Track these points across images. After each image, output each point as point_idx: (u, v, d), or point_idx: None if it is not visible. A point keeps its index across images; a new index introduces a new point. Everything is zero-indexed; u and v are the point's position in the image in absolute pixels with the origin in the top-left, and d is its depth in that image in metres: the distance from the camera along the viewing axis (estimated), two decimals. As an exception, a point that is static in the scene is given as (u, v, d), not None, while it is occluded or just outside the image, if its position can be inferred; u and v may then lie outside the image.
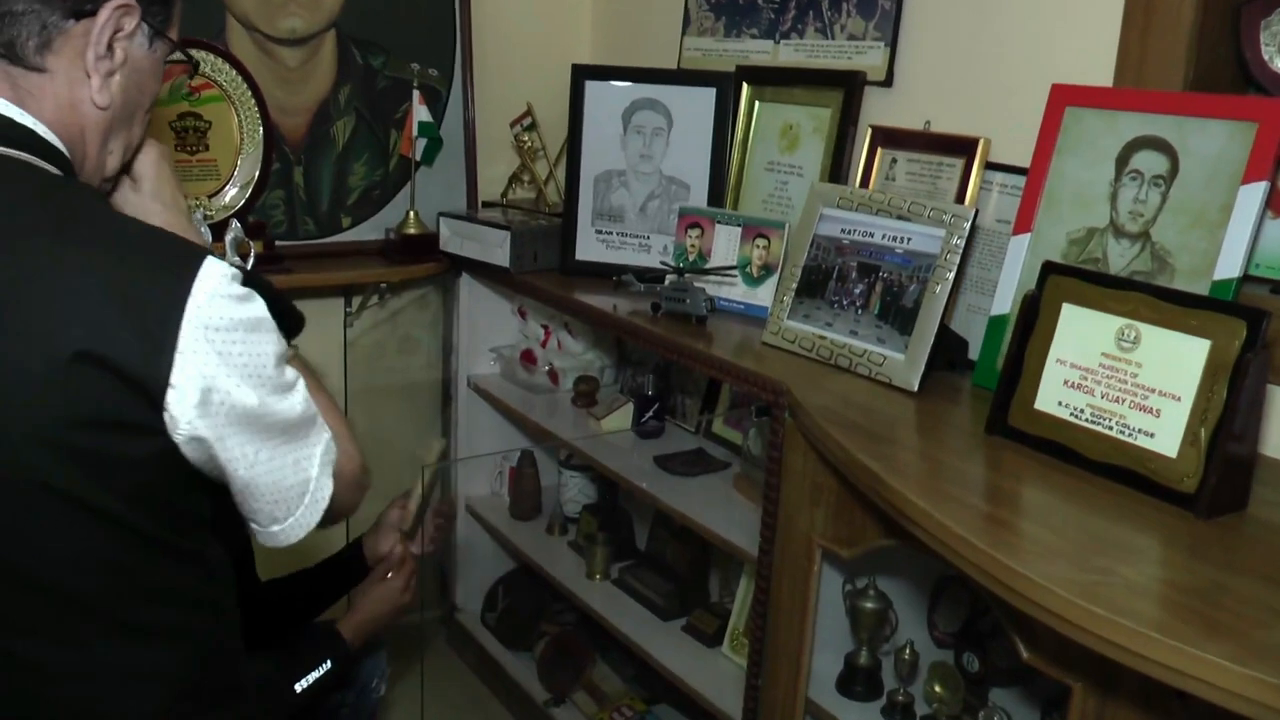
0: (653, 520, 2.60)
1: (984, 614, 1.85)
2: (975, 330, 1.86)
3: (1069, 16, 1.79)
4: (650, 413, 2.45)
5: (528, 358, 2.74)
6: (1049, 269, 1.54)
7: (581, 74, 2.41)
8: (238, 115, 2.38)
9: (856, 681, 1.82)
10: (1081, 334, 1.49)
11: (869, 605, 1.79)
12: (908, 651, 1.75)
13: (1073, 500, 1.36)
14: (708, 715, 2.13)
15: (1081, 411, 1.47)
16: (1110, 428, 1.43)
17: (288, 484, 1.20)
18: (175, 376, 1.06)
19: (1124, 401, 1.43)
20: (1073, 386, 1.48)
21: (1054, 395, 1.50)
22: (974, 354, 1.85)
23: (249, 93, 2.38)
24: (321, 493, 1.23)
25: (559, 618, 2.77)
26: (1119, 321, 1.45)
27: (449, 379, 2.81)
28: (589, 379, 2.66)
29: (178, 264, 1.10)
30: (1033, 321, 1.54)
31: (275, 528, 1.22)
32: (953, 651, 1.82)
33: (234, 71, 2.35)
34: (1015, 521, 1.29)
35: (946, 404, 1.73)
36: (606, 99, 2.40)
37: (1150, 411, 1.40)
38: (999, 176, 1.89)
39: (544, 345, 2.76)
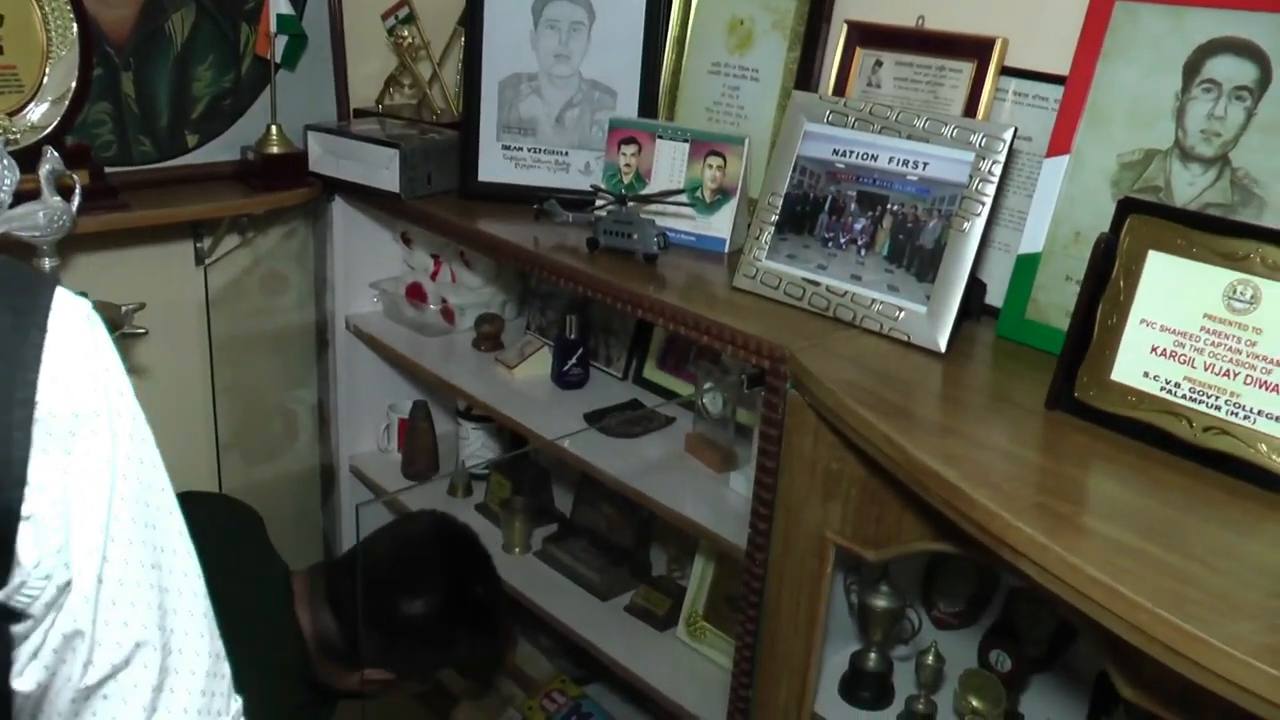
0: (579, 481, 2.26)
1: (1014, 599, 1.60)
2: (993, 269, 1.57)
3: (1110, -113, 1.47)
4: (574, 359, 2.09)
5: (415, 293, 2.34)
6: (1129, 206, 1.25)
7: (481, -46, 1.97)
8: (40, 6, 1.86)
9: (864, 686, 1.56)
10: (1176, 289, 1.21)
11: (881, 603, 1.52)
12: (931, 656, 1.48)
13: (1194, 507, 1.09)
14: (655, 702, 1.86)
15: (1176, 386, 1.19)
16: (1217, 407, 1.16)
17: None
18: None
19: (1236, 376, 1.15)
20: (1164, 354, 1.21)
21: (1138, 364, 1.22)
22: (992, 297, 1.57)
23: (55, -25, 1.87)
24: None
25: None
26: (1229, 275, 1.17)
27: (323, 320, 2.38)
28: (492, 318, 2.28)
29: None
30: (1107, 272, 1.25)
31: None
32: (976, 648, 1.57)
33: (32, -52, 1.83)
34: (1141, 546, 1.00)
35: (979, 365, 1.44)
36: (513, -14, 1.98)
37: (1273, 389, 1.13)
38: (1015, 83, 1.58)
39: (434, 278, 2.36)
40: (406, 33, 2.29)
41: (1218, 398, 1.16)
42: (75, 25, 1.89)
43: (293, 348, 2.40)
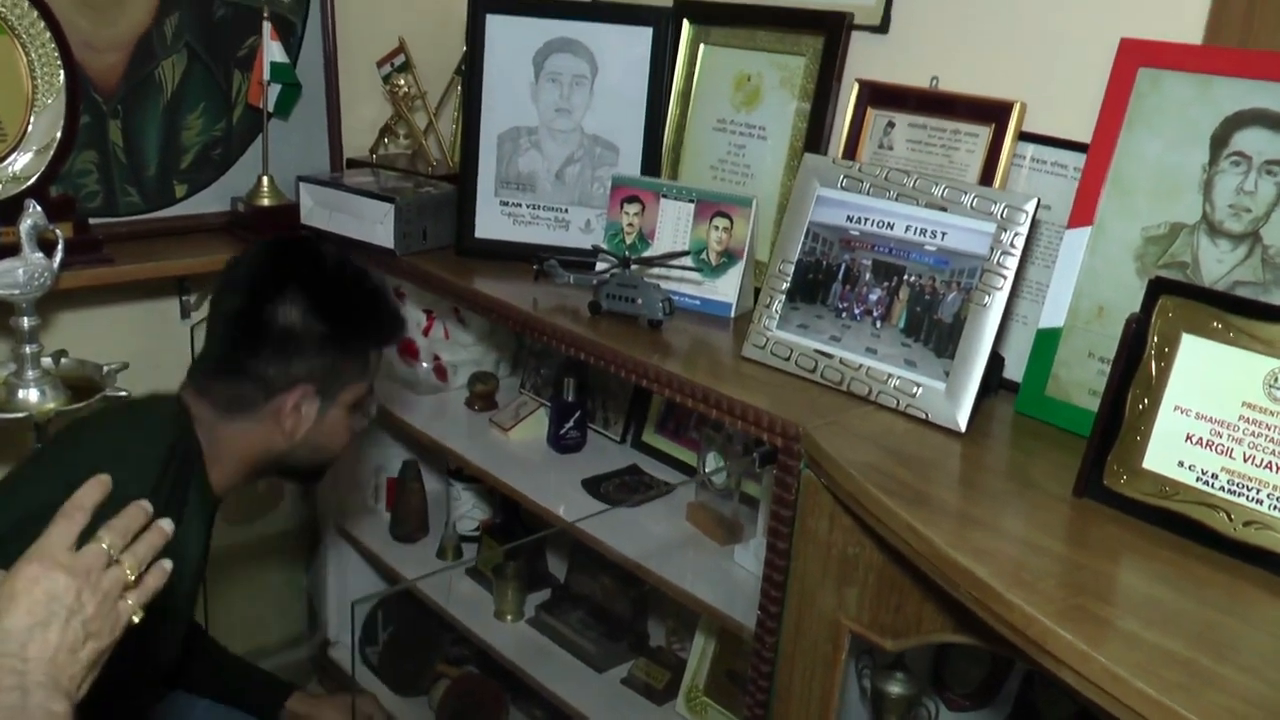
0: (574, 546, 2.19)
1: (1030, 680, 1.54)
2: (1012, 342, 1.52)
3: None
4: (571, 422, 2.03)
5: (407, 349, 2.27)
6: (1160, 286, 1.19)
7: (481, 5, 1.92)
8: (26, 53, 1.81)
9: (875, 777, 1.49)
10: (1212, 376, 1.15)
11: (896, 690, 1.45)
12: (949, 749, 1.42)
13: (1238, 609, 1.03)
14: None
15: (1214, 477, 1.14)
16: (1259, 500, 1.11)
17: None
18: None
19: (1279, 469, 1.10)
20: (1200, 444, 1.15)
21: (1172, 453, 1.17)
22: (1011, 370, 1.51)
23: (41, 22, 1.81)
24: None
25: (455, 652, 2.35)
26: (1270, 363, 1.11)
27: (312, 376, 2.31)
28: (486, 376, 2.22)
29: None
30: (1138, 355, 1.20)
31: None
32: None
33: (19, -7, 1.78)
34: (1189, 655, 0.94)
35: (1000, 445, 1.38)
36: (514, 37, 1.92)
37: (1319, 484, 1.08)
38: (1033, 149, 1.53)
39: (427, 333, 2.29)
40: (402, 81, 2.24)
41: (1259, 491, 1.11)
42: (62, 73, 1.84)
43: (280, 403, 2.33)
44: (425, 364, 2.24)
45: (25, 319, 1.71)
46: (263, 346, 1.49)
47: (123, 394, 1.79)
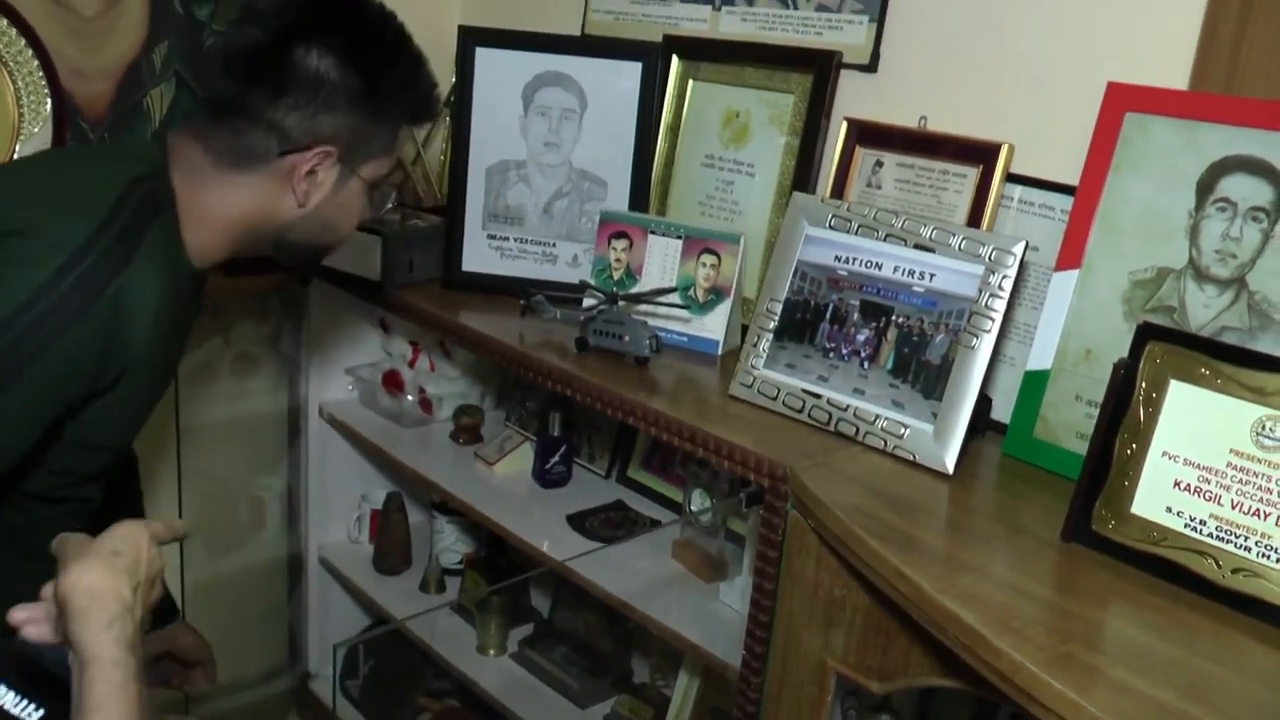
0: (557, 581, 2.17)
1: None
2: (999, 382, 1.52)
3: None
4: (556, 457, 2.02)
5: (392, 381, 2.26)
6: (1148, 332, 1.20)
7: (472, 39, 1.93)
8: (13, 81, 1.80)
9: (860, 821, 1.47)
10: (1200, 422, 1.15)
11: (882, 733, 1.44)
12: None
13: (1228, 657, 1.03)
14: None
15: (1202, 523, 1.14)
16: (1247, 548, 1.11)
17: None
18: None
19: (1268, 516, 1.10)
20: (1189, 490, 1.15)
21: (1160, 498, 1.17)
22: (998, 411, 1.51)
23: (29, 50, 1.80)
24: None
25: (437, 686, 2.32)
26: (1258, 410, 1.12)
27: (296, 407, 2.30)
28: (472, 409, 2.20)
29: None
30: (1126, 400, 1.20)
31: None
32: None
33: (4, 21, 1.77)
34: (1181, 706, 0.93)
35: (987, 487, 1.38)
36: (503, 71, 1.93)
37: (1306, 531, 1.08)
38: (1020, 190, 1.54)
39: (412, 365, 2.28)
40: (390, 113, 2.23)
41: (1247, 538, 1.11)
42: (49, 101, 1.83)
43: (263, 434, 2.32)
44: (410, 396, 2.23)
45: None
46: (287, 92, 1.29)
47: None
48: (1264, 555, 1.09)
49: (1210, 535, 1.13)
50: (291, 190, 1.34)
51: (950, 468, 1.36)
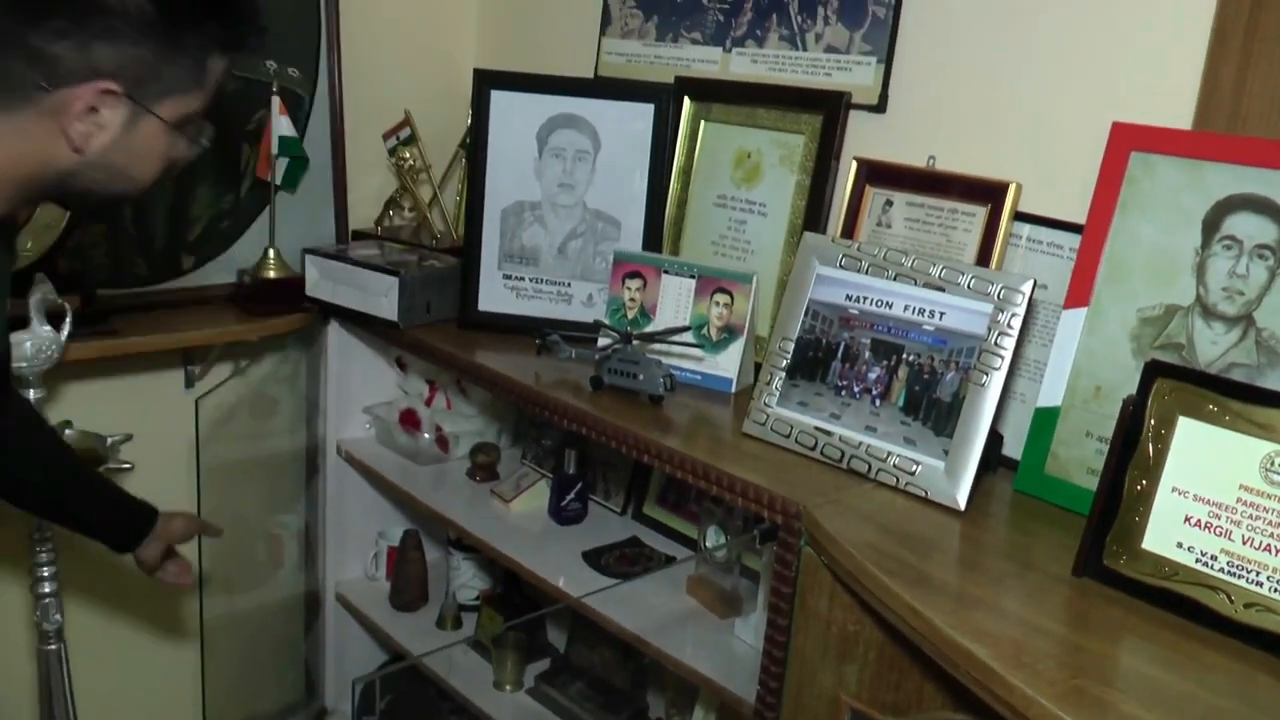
0: (573, 616, 2.18)
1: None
2: (1010, 419, 1.54)
3: (1128, 33, 1.47)
4: (572, 494, 2.03)
5: (409, 419, 2.28)
6: (1156, 370, 1.21)
7: (486, 82, 1.96)
8: (39, 127, 1.83)
9: None
10: (1209, 458, 1.16)
11: (897, 769, 1.44)
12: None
13: (1242, 693, 1.03)
14: None
15: (1213, 559, 1.15)
16: (1259, 583, 1.11)
17: None
18: None
19: (1279, 552, 1.11)
20: (1199, 525, 1.16)
21: (1171, 534, 1.18)
22: (1009, 448, 1.53)
23: (54, 99, 1.84)
24: None
25: (453, 723, 2.33)
26: (1266, 446, 1.13)
27: (314, 445, 2.32)
28: (488, 447, 2.22)
29: None
30: (1136, 436, 1.21)
31: None
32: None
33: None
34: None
35: (999, 524, 1.39)
36: (517, 113, 1.96)
37: (1317, 566, 1.09)
38: (1028, 229, 1.56)
39: (429, 404, 2.31)
40: (408, 154, 2.28)
41: (1259, 573, 1.12)
42: (73, 148, 1.86)
43: (281, 472, 2.34)
44: (427, 434, 2.25)
45: (32, 391, 1.72)
46: (51, 14, 1.08)
47: (126, 466, 1.80)
48: (1276, 590, 1.10)
49: (1222, 570, 1.14)
50: (65, 133, 1.12)
51: (962, 504, 1.37)
